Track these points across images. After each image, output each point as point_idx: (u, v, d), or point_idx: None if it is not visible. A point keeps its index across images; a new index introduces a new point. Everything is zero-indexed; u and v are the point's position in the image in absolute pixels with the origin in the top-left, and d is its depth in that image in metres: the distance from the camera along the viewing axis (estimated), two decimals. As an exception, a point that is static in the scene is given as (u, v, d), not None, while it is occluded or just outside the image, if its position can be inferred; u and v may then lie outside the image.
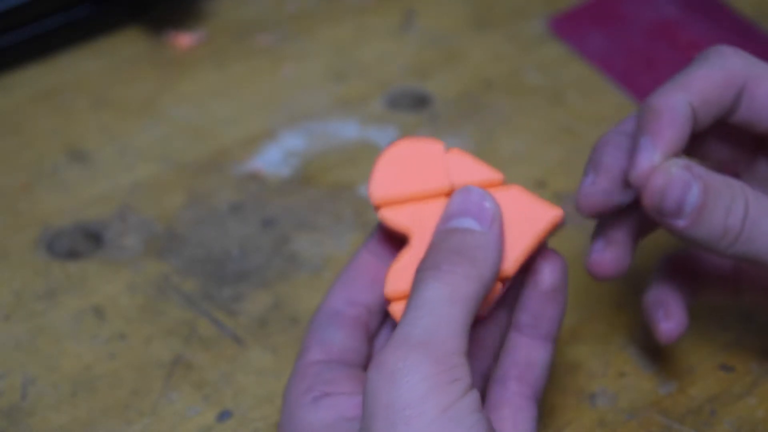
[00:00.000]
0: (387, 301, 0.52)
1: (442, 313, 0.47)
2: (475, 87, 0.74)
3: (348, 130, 0.71)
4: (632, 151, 0.50)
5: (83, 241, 0.66)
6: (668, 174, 0.49)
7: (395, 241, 0.54)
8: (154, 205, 0.67)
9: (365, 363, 0.54)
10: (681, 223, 0.50)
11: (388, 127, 0.72)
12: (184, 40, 0.76)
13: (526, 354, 0.53)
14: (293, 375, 0.52)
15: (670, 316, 0.56)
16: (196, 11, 0.78)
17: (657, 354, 0.61)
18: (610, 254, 0.54)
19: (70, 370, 0.60)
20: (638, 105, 0.73)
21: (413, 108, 0.73)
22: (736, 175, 0.56)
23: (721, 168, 0.56)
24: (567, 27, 0.78)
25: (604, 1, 0.79)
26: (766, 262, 0.50)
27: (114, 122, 0.72)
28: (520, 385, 0.52)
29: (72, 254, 0.65)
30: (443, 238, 0.49)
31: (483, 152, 0.70)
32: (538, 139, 0.71)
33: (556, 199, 0.67)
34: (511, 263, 0.51)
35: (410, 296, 0.48)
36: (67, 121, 0.72)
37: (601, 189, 0.52)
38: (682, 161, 0.50)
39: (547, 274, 0.52)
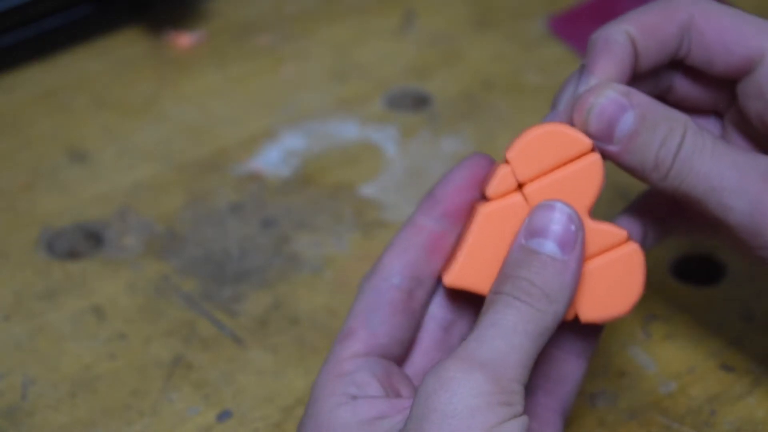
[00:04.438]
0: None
1: (512, 341, 0.46)
2: (475, 87, 0.74)
3: (348, 130, 0.71)
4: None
5: (83, 241, 0.66)
6: (602, 95, 0.49)
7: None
8: (154, 205, 0.67)
9: (406, 355, 0.53)
10: (613, 149, 0.49)
11: (388, 127, 0.72)
12: (184, 40, 0.76)
13: (558, 368, 0.52)
14: (328, 365, 0.51)
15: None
16: (196, 11, 0.78)
17: (657, 354, 0.61)
18: None
19: (70, 370, 0.60)
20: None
21: (413, 108, 0.73)
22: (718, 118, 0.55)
23: (700, 112, 0.55)
24: (567, 27, 0.78)
25: (604, 1, 0.79)
26: (696, 199, 0.49)
27: (114, 122, 0.72)
28: (548, 398, 0.52)
29: (72, 254, 0.65)
30: (522, 260, 0.48)
31: (483, 152, 0.70)
32: (538, 139, 0.71)
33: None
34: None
35: (483, 313, 0.47)
36: (67, 121, 0.72)
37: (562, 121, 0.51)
38: (623, 87, 0.49)
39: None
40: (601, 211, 0.67)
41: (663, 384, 0.59)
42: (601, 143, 0.49)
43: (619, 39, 0.50)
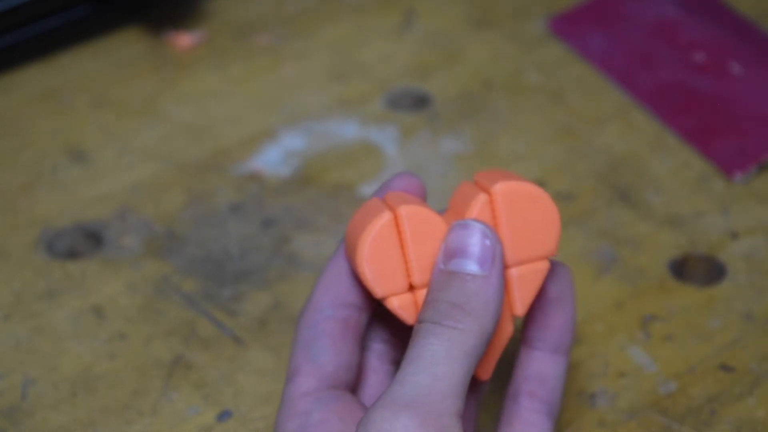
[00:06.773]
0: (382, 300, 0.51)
1: (438, 372, 0.45)
2: (475, 87, 0.74)
3: (348, 130, 0.71)
4: None
5: (83, 241, 0.66)
6: None
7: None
8: (154, 205, 0.67)
9: (358, 380, 0.53)
10: None
11: (388, 127, 0.72)
12: (184, 40, 0.76)
13: (537, 368, 0.52)
14: (283, 406, 0.51)
15: None
16: (196, 11, 0.78)
17: (657, 354, 0.61)
18: None
19: (70, 370, 0.60)
20: (638, 105, 0.73)
21: (413, 108, 0.73)
22: None
23: None
24: (567, 27, 0.78)
25: (604, 1, 0.79)
26: None
27: (114, 122, 0.72)
28: (532, 400, 0.52)
29: (72, 254, 0.65)
30: (443, 285, 0.48)
31: (483, 152, 0.70)
32: (538, 139, 0.71)
33: (556, 198, 0.67)
34: (523, 306, 0.50)
35: (409, 347, 0.46)
36: (67, 121, 0.72)
37: None
38: None
39: (551, 283, 0.51)
40: (601, 212, 0.67)
41: (663, 384, 0.59)
42: None
43: None
